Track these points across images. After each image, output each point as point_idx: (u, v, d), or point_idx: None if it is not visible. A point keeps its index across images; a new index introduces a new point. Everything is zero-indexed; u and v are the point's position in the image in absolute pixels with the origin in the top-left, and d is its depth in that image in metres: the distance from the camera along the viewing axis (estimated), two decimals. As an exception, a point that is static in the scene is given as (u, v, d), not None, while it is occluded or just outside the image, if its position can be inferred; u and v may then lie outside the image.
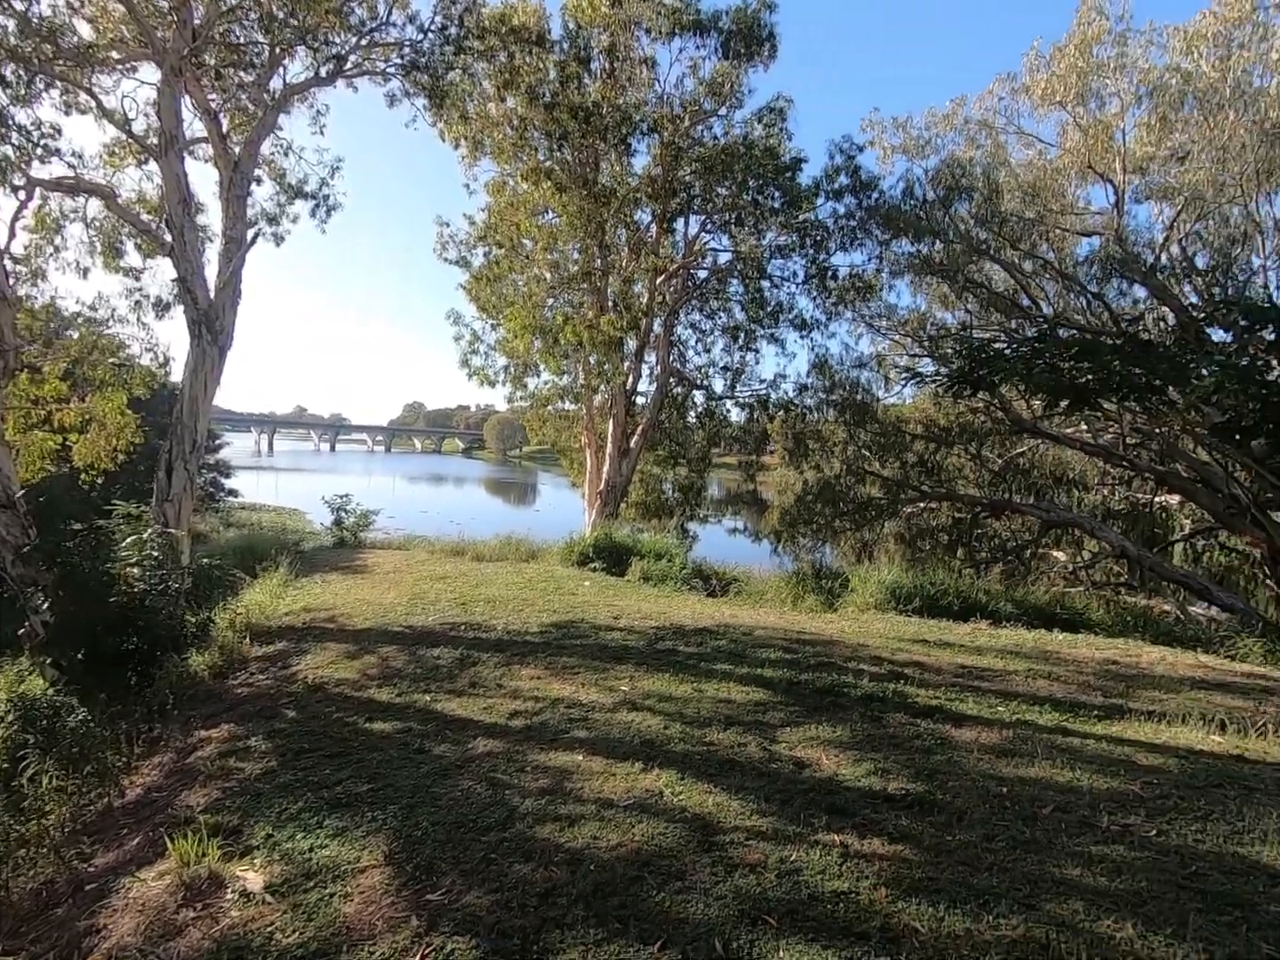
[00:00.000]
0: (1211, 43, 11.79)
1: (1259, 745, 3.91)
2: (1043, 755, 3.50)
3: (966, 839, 2.53)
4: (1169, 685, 5.52)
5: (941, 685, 5.07)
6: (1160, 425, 13.06)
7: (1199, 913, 2.06)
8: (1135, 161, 13.46)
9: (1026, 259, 14.63)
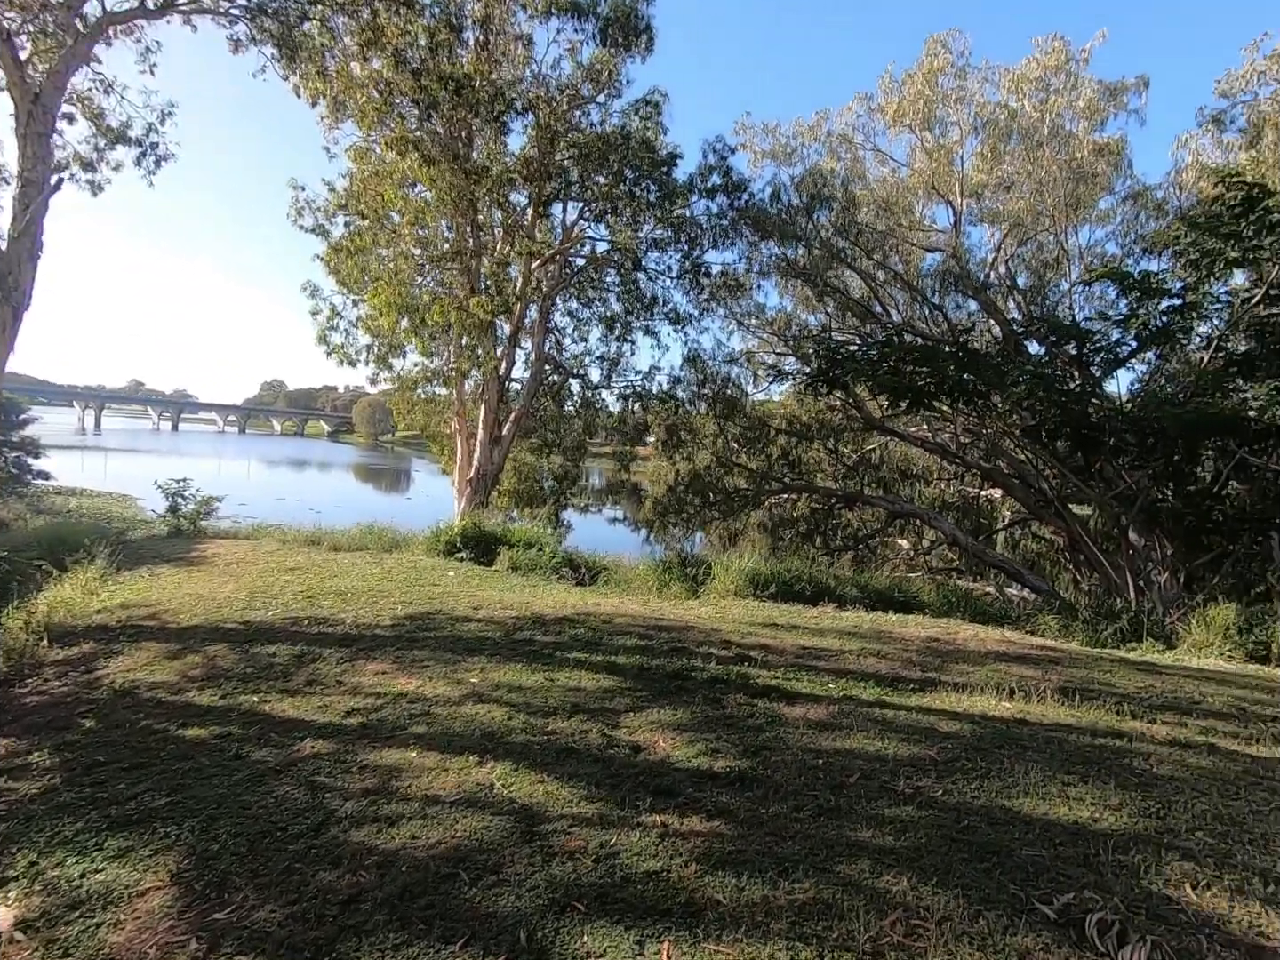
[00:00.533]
0: (1033, 86, 13.24)
1: (1039, 709, 4.45)
2: (859, 727, 3.79)
3: (778, 810, 2.68)
4: (976, 659, 6.18)
5: (782, 666, 5.36)
6: (987, 426, 14.55)
7: (964, 862, 2.30)
8: (972, 187, 14.87)
9: (879, 269, 15.79)
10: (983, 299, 14.77)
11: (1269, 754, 3.84)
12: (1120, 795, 2.95)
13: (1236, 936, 1.98)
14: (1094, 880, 2.22)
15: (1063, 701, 4.63)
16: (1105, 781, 3.11)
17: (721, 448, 18.00)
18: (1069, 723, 4.19)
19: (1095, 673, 5.92)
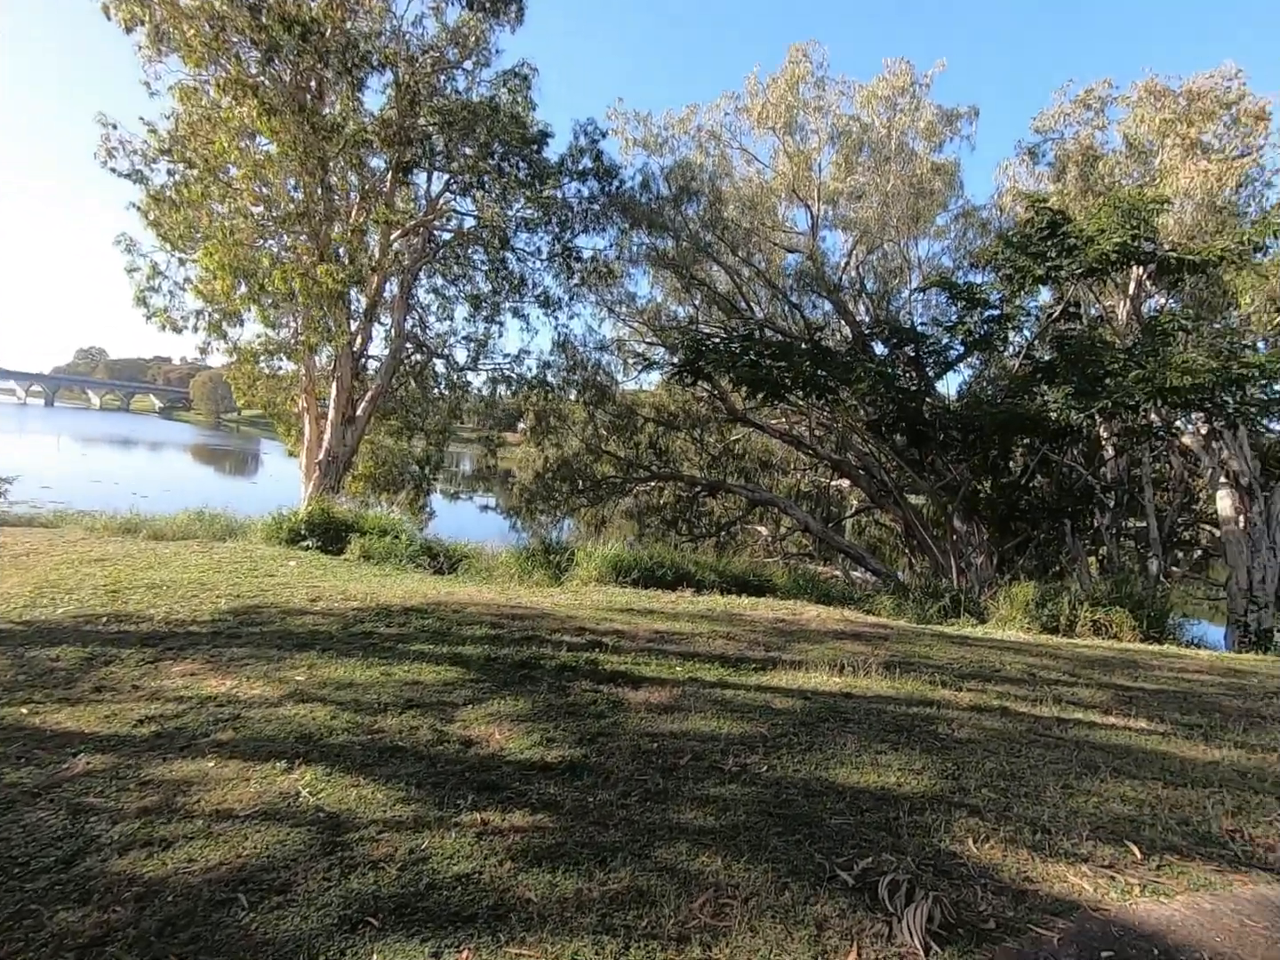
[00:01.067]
0: (883, 104, 14.21)
1: (864, 683, 4.76)
2: (699, 709, 3.85)
3: (606, 798, 2.63)
4: (817, 637, 6.55)
5: (633, 651, 5.38)
6: (837, 420, 15.49)
7: (778, 835, 2.36)
8: (828, 194, 15.74)
9: (744, 265, 16.34)
10: (835, 300, 15.75)
11: (1048, 714, 4.33)
12: (924, 760, 3.18)
13: (1006, 884, 2.16)
14: (892, 843, 2.35)
15: (886, 675, 4.99)
16: (913, 748, 3.35)
17: (591, 435, 17.96)
18: (889, 694, 4.51)
19: (917, 647, 6.47)
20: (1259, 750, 3.93)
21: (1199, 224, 11.58)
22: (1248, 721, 4.69)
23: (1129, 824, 2.66)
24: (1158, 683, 5.82)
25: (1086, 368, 10.13)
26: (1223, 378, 9.35)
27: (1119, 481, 15.75)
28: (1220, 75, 13.18)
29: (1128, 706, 4.81)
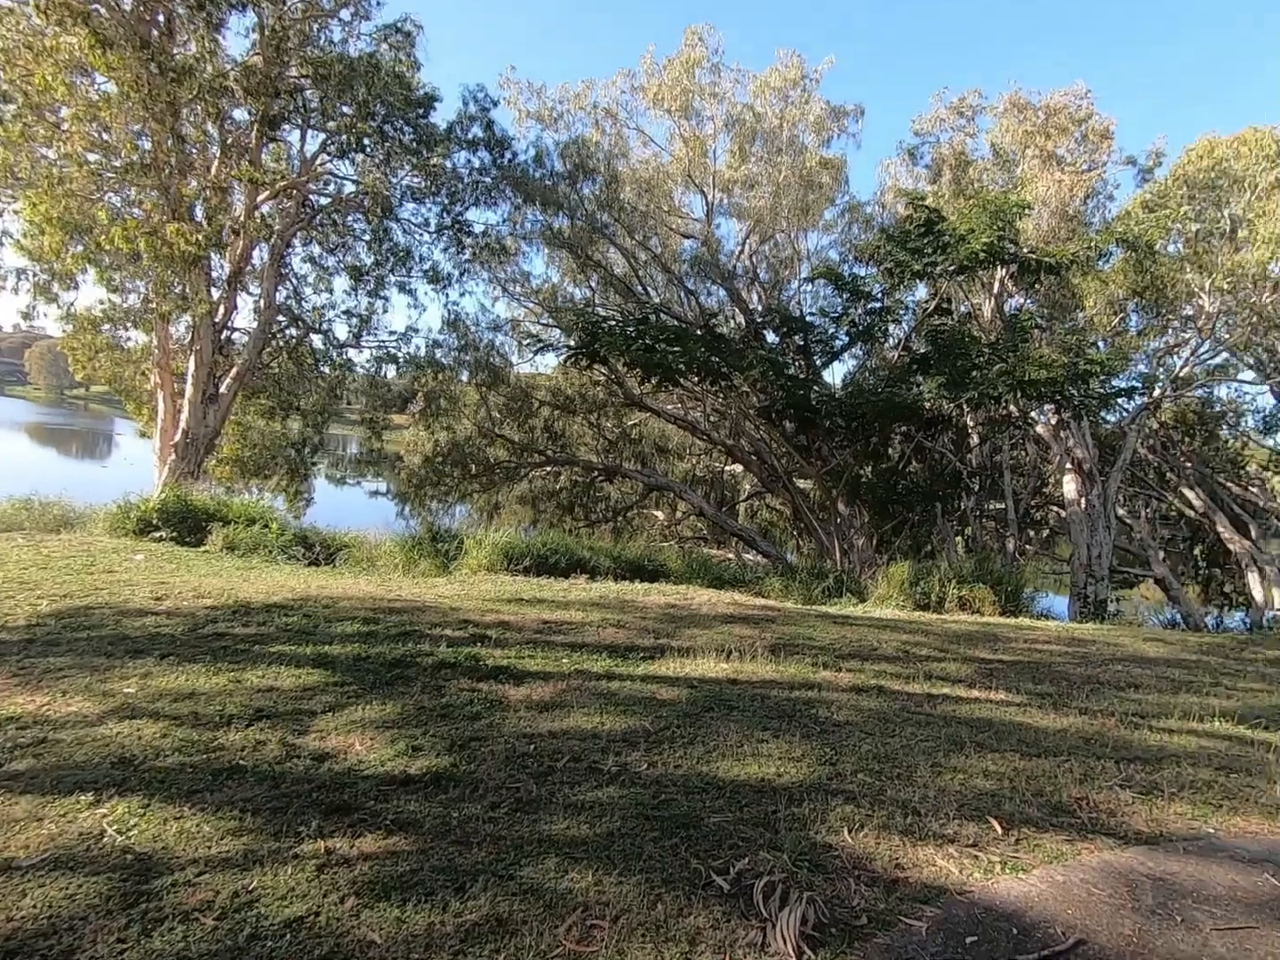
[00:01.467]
0: (775, 95, 14.45)
1: (750, 667, 4.78)
2: (583, 704, 3.70)
3: (472, 812, 2.42)
4: (707, 622, 6.57)
5: (518, 643, 5.15)
6: (731, 406, 15.75)
7: (654, 841, 2.24)
8: (723, 181, 15.88)
9: (641, 249, 16.22)
10: (730, 288, 15.99)
11: (920, 690, 4.52)
12: (803, 746, 3.18)
13: (878, 874, 2.15)
14: (770, 839, 2.29)
15: (771, 658, 5.04)
16: (793, 734, 3.35)
17: (484, 418, 17.35)
18: (773, 678, 4.55)
19: (802, 628, 6.64)
20: (1099, 715, 4.26)
21: (1053, 230, 12.66)
22: (1090, 688, 5.11)
23: (991, 799, 2.75)
24: (1014, 654, 6.27)
25: (957, 360, 10.80)
26: (1071, 373, 10.22)
27: (983, 467, 17.06)
28: (1072, 93, 14.42)
29: (989, 679, 5.12)
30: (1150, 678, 5.62)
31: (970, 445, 17.37)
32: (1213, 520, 18.58)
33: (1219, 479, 19.89)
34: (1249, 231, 13.59)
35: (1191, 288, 14.97)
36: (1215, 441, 20.95)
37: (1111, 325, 16.37)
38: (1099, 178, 14.64)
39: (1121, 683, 5.35)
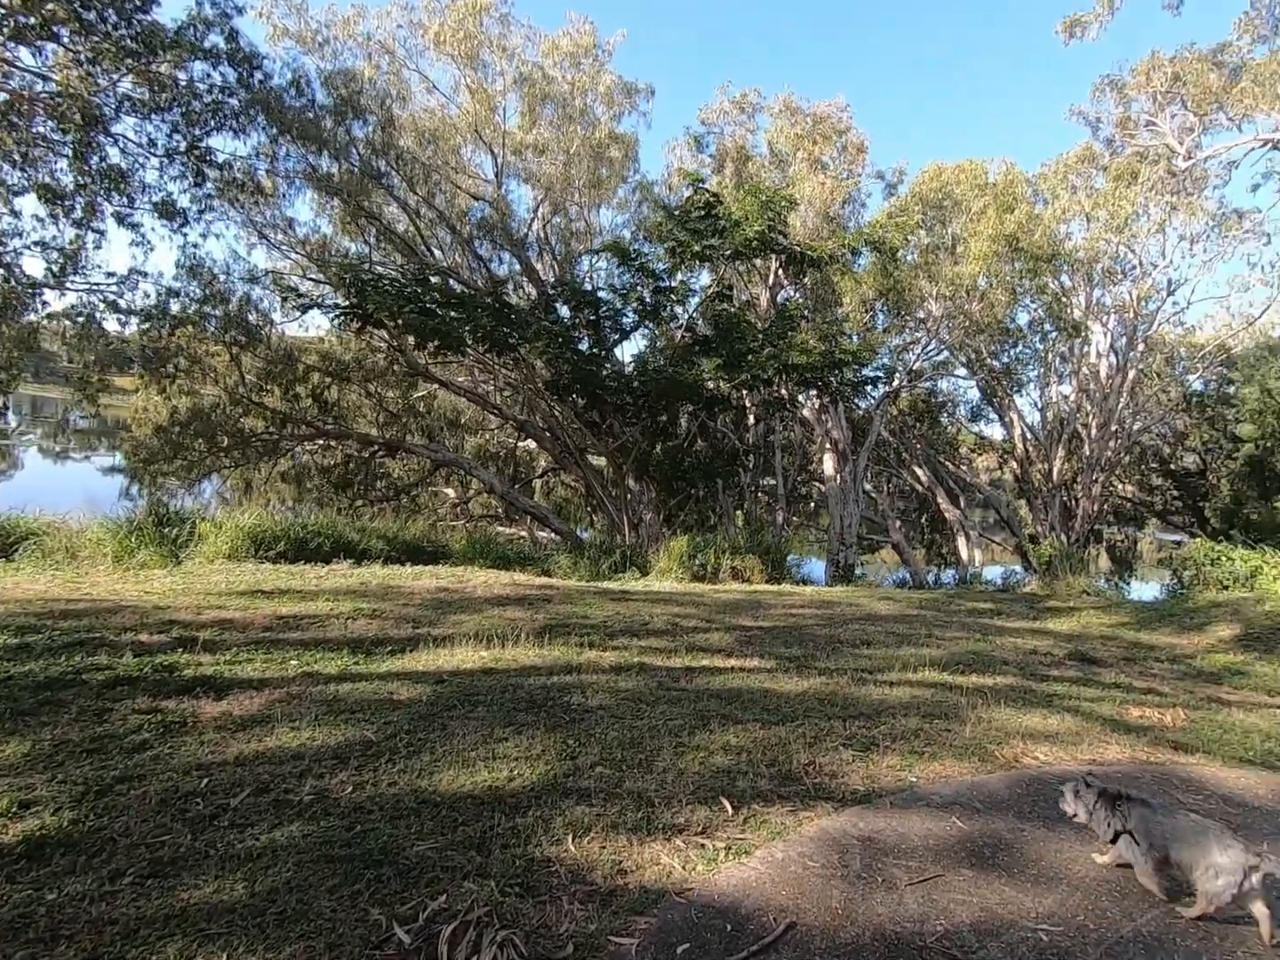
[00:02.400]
0: (567, 59, 14.04)
1: (511, 654, 4.47)
2: (297, 715, 3.12)
3: (81, 888, 1.81)
4: (477, 606, 6.15)
5: (238, 645, 4.34)
6: (525, 380, 15.25)
7: (331, 891, 1.83)
8: (515, 144, 15.17)
9: (425, 205, 14.98)
10: (521, 257, 15.41)
11: (680, 664, 4.54)
12: (546, 740, 2.94)
13: (597, 886, 1.95)
14: (480, 865, 1.99)
15: (536, 642, 4.78)
16: (538, 728, 3.09)
17: (237, 383, 15.03)
18: (534, 664, 4.29)
19: (578, 606, 6.49)
20: (835, 675, 4.58)
21: (817, 229, 13.88)
22: (832, 648, 5.55)
23: (727, 777, 2.71)
24: (773, 620, 6.69)
25: (734, 344, 11.38)
26: (828, 360, 11.23)
27: (757, 446, 18.44)
28: (835, 105, 15.88)
29: (747, 647, 5.34)
30: (880, 634, 6.26)
31: (748, 425, 18.67)
32: (935, 493, 21.97)
33: (940, 459, 23.58)
34: (965, 248, 16.00)
35: (923, 293, 17.33)
36: (938, 427, 24.77)
37: (863, 321, 18.45)
38: (855, 186, 16.36)
39: (857, 640, 5.88)
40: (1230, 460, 22.90)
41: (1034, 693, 4.66)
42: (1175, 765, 3.52)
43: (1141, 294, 19.46)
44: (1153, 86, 16.57)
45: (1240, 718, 4.69)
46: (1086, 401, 20.73)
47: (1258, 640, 7.14)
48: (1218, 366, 22.99)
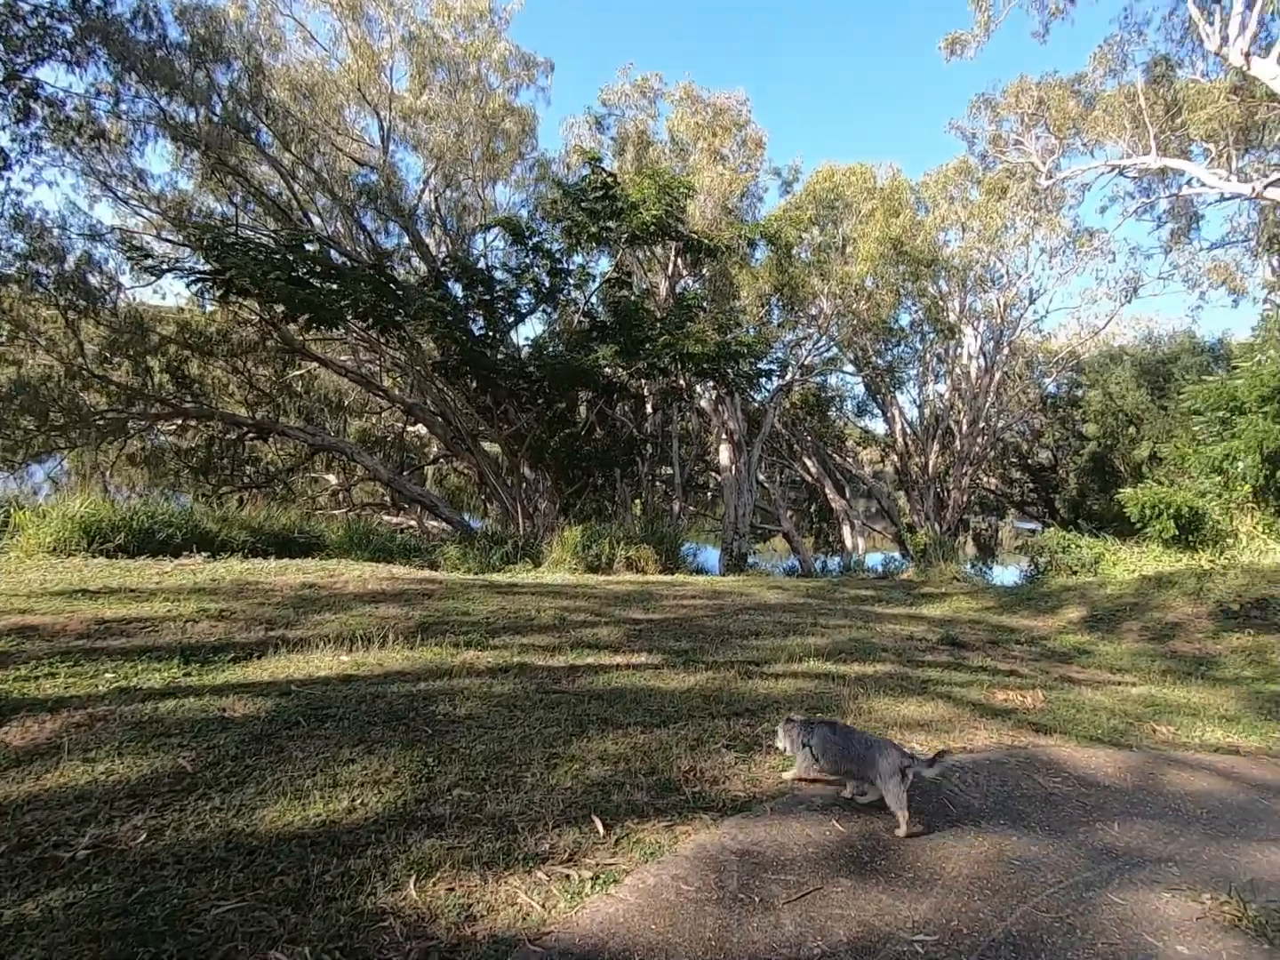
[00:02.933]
0: (460, 22, 13.28)
1: (377, 658, 4.06)
2: (91, 744, 2.61)
3: None
4: (346, 603, 5.63)
5: (39, 657, 3.68)
6: (414, 361, 14.40)
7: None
8: (403, 108, 14.21)
9: (302, 166, 13.76)
10: (411, 230, 14.49)
11: (563, 663, 4.30)
12: (400, 760, 2.61)
13: (437, 940, 1.67)
14: (294, 927, 1.66)
15: (407, 643, 4.39)
16: (393, 745, 2.76)
17: (74, 352, 13.28)
18: (401, 669, 3.91)
19: (460, 602, 6.09)
20: (723, 669, 4.50)
21: (716, 220, 13.95)
22: (720, 639, 5.49)
23: (601, 791, 2.50)
24: (664, 612, 6.58)
25: (632, 331, 11.20)
26: (724, 351, 11.29)
27: (655, 435, 18.44)
28: (734, 98, 16.02)
29: (635, 642, 5.18)
30: (769, 624, 6.29)
31: (646, 414, 18.63)
32: (823, 484, 22.90)
33: (828, 451, 24.60)
34: (855, 249, 16.63)
35: (816, 290, 17.89)
36: (827, 421, 25.81)
37: (759, 315, 18.84)
38: (753, 179, 16.61)
39: (746, 631, 5.87)
40: (1077, 457, 25.31)
41: (910, 679, 4.78)
42: (1037, 748, 3.66)
43: (1007, 301, 21.05)
44: (1021, 108, 17.83)
45: (1089, 696, 5.02)
46: (959, 400, 22.22)
47: (1100, 621, 7.80)
48: (1069, 371, 25.33)
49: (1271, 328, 10.32)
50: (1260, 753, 4.28)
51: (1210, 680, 6.04)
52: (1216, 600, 7.73)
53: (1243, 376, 10.11)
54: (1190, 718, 4.77)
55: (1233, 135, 13.77)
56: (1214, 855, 2.72)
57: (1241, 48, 11.21)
